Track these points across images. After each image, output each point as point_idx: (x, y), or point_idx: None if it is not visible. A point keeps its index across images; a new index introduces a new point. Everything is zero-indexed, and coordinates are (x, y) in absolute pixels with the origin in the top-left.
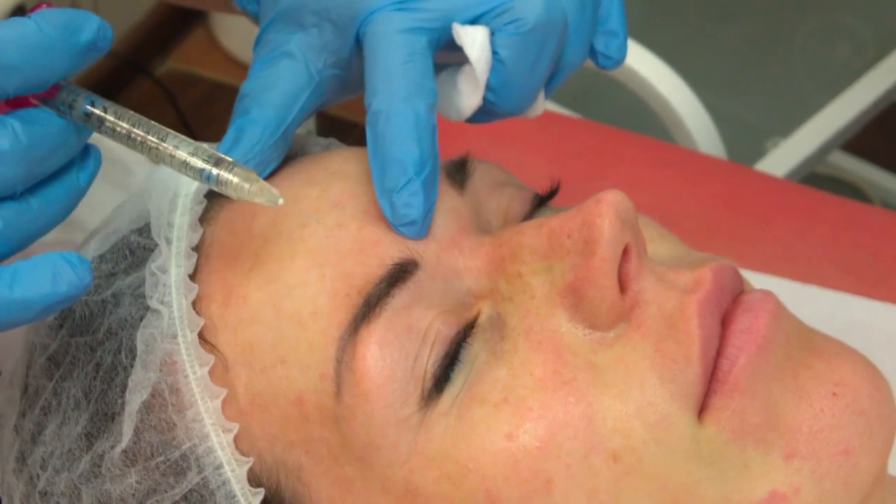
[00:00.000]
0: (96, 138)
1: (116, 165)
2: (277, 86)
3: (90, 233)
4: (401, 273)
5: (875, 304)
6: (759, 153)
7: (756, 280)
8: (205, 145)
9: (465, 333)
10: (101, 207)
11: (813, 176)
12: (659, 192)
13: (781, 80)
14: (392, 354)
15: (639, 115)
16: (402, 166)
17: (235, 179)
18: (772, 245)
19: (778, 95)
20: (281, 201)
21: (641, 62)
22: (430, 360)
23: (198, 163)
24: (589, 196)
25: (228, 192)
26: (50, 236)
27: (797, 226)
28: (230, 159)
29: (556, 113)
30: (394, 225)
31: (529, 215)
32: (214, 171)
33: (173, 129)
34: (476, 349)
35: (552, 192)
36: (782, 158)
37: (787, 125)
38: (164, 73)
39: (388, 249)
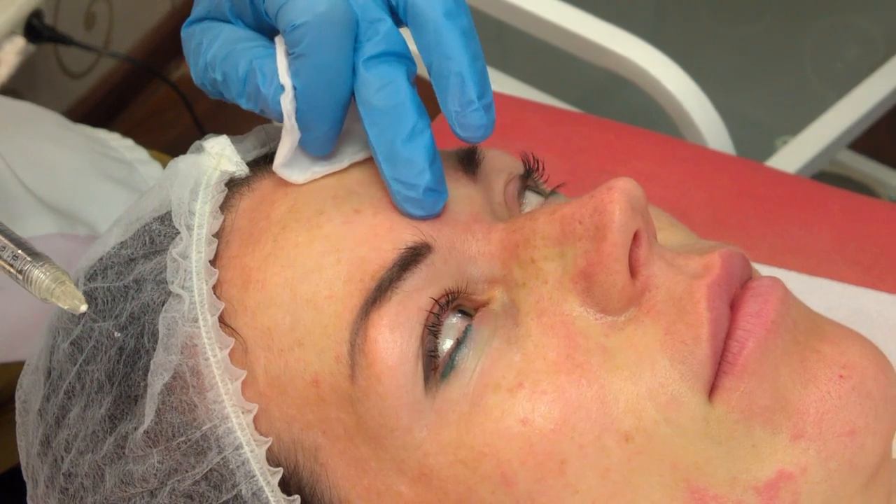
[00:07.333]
0: (101, 137)
1: (119, 163)
2: None
3: (114, 221)
4: (413, 256)
5: (882, 296)
6: (769, 151)
7: (764, 272)
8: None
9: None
10: (104, 204)
11: (821, 174)
12: (668, 186)
13: (790, 79)
14: (403, 336)
15: (649, 114)
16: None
17: (44, 279)
18: (780, 238)
19: (787, 94)
20: (84, 308)
21: (651, 61)
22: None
23: (7, 255)
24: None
25: (33, 290)
26: (52, 229)
27: (805, 219)
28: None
29: (565, 109)
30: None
31: (541, 203)
32: (25, 266)
33: (189, 132)
34: (486, 335)
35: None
36: (791, 156)
37: (796, 123)
38: (179, 78)
39: (402, 234)
